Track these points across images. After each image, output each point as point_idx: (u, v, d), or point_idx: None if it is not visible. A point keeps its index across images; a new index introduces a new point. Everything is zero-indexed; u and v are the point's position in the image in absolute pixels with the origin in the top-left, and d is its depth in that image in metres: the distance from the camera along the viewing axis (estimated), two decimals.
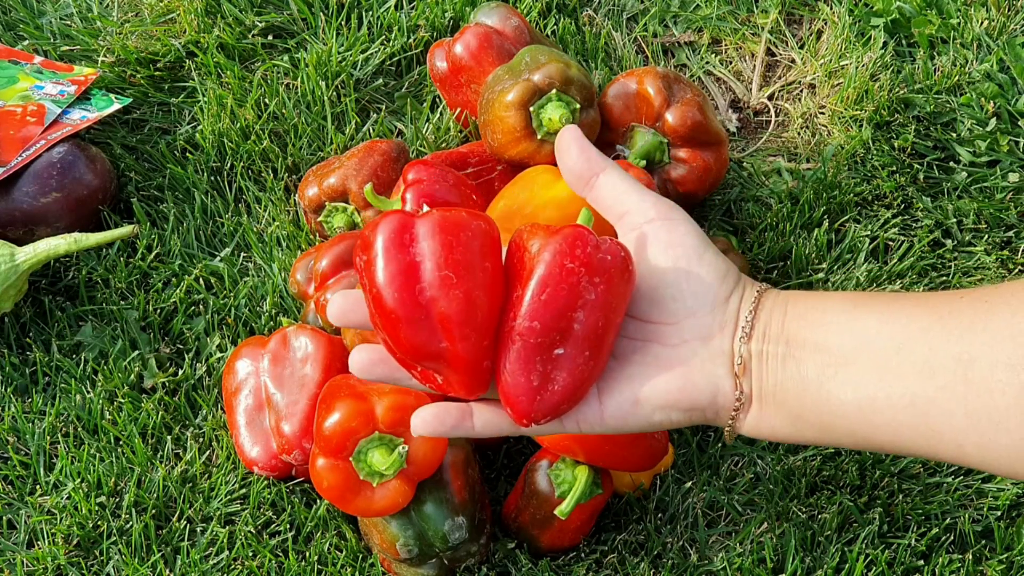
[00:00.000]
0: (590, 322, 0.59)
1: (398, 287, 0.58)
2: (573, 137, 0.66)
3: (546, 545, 0.97)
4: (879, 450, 0.60)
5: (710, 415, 0.62)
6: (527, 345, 0.59)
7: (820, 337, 0.59)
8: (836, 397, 0.58)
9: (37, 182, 1.10)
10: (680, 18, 1.33)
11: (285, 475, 0.99)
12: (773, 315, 0.61)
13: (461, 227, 0.59)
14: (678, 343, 0.61)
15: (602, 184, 0.65)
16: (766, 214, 1.17)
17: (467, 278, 0.58)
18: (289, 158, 1.19)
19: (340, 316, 0.63)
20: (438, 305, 0.58)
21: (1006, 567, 0.98)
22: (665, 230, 0.63)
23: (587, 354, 0.59)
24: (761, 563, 0.98)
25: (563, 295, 0.58)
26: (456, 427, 0.62)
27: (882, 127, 1.23)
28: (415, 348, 0.59)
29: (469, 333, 0.58)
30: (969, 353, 0.55)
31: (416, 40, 1.27)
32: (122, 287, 1.12)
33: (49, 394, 1.06)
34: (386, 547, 0.92)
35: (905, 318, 0.58)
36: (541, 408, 0.59)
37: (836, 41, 1.28)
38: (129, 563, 0.96)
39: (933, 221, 1.17)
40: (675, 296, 0.61)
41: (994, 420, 0.54)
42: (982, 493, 1.02)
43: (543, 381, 0.59)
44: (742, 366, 0.61)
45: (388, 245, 0.59)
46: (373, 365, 0.63)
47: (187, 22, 1.27)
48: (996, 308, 0.55)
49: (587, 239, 0.59)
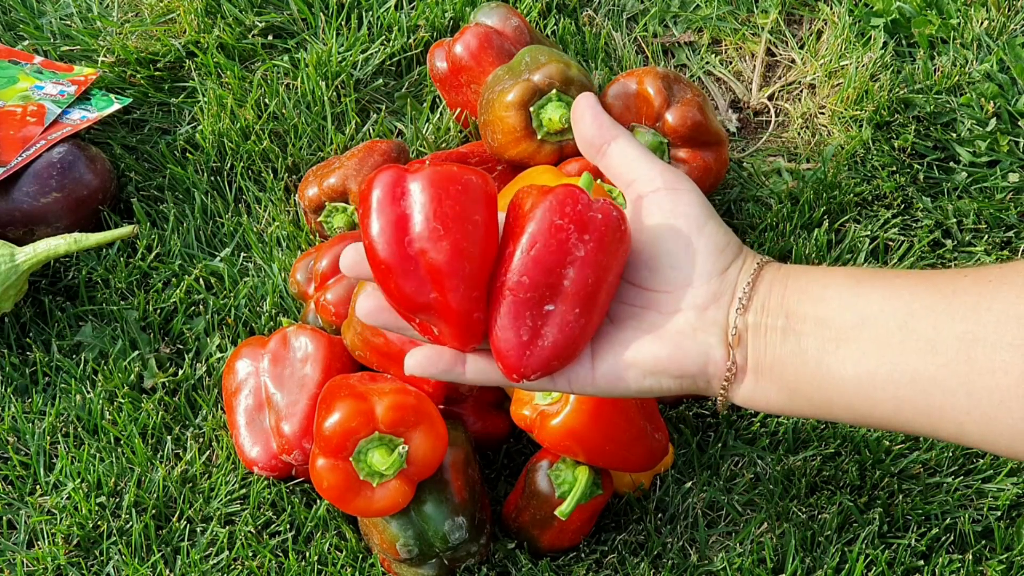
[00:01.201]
0: (580, 279, 0.59)
1: (388, 238, 0.60)
2: (588, 104, 0.66)
3: (546, 545, 0.97)
4: (877, 426, 0.61)
5: (701, 384, 0.62)
6: (517, 300, 0.59)
7: (821, 312, 0.60)
8: (836, 372, 0.59)
9: (37, 182, 1.10)
10: (680, 18, 1.33)
11: (285, 475, 0.99)
12: (773, 288, 0.62)
13: (452, 180, 0.60)
14: (673, 311, 0.62)
15: (613, 152, 0.66)
16: (766, 214, 1.17)
17: (456, 230, 0.59)
18: (289, 158, 1.19)
19: (352, 267, 0.63)
20: (427, 256, 0.59)
21: (1006, 567, 0.98)
22: (669, 199, 0.63)
23: (577, 311, 0.60)
24: (761, 563, 0.98)
25: (552, 251, 0.59)
26: (447, 371, 0.63)
27: (882, 127, 1.23)
28: (407, 299, 0.60)
29: (458, 284, 0.59)
30: (973, 333, 0.55)
31: (416, 40, 1.27)
32: (122, 287, 1.12)
33: (49, 394, 1.06)
34: (386, 547, 0.92)
35: (908, 295, 0.58)
36: (530, 363, 0.60)
37: (836, 41, 1.28)
38: (129, 563, 0.96)
39: (933, 221, 1.17)
40: (673, 264, 0.62)
41: (996, 400, 0.55)
42: (982, 493, 1.02)
43: (533, 336, 0.60)
44: (736, 337, 0.61)
45: (381, 197, 0.60)
46: (380, 312, 0.64)
47: (187, 22, 1.27)
48: (1001, 289, 0.56)
49: (578, 197, 0.60)
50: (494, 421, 1.01)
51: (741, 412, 1.05)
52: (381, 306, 0.64)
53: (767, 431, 1.04)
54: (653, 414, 0.94)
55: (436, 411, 0.91)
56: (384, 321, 0.64)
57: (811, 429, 1.04)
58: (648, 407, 0.94)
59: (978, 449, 0.65)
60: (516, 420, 0.92)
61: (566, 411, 0.88)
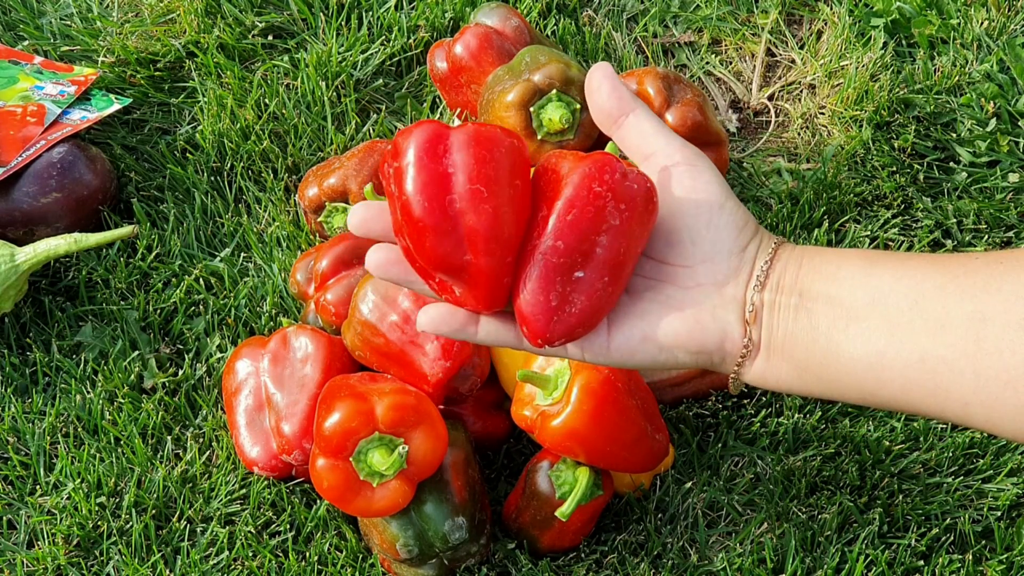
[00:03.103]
0: (612, 248, 0.59)
1: (429, 196, 0.58)
2: (605, 75, 0.65)
3: (546, 546, 0.97)
4: (884, 406, 0.61)
5: (716, 360, 0.62)
6: (549, 264, 0.59)
7: (833, 291, 0.60)
8: (846, 350, 0.59)
9: (37, 182, 1.10)
10: (680, 18, 1.33)
11: (285, 475, 0.99)
12: (788, 267, 0.62)
13: (495, 142, 0.59)
14: (692, 286, 0.62)
15: (631, 124, 0.65)
16: (766, 214, 1.17)
17: (497, 193, 0.58)
18: (289, 158, 1.19)
19: (361, 225, 0.62)
20: (467, 218, 0.58)
21: (1006, 567, 0.98)
22: (689, 175, 0.63)
23: (606, 279, 0.59)
24: (761, 563, 0.98)
25: (589, 217, 0.58)
26: (460, 330, 0.62)
27: (882, 127, 1.23)
28: (439, 258, 0.59)
29: (495, 248, 0.59)
30: (982, 312, 0.55)
31: (416, 40, 1.27)
32: (122, 287, 1.12)
33: (49, 394, 1.06)
34: (386, 547, 0.92)
35: (919, 276, 0.58)
36: (557, 329, 0.60)
37: (836, 41, 1.28)
38: (129, 563, 0.96)
39: (933, 221, 1.17)
40: (694, 240, 0.62)
41: (1002, 380, 0.55)
42: (982, 493, 1.02)
43: (561, 302, 0.59)
44: (753, 314, 0.61)
45: (421, 154, 0.58)
46: (390, 264, 0.62)
47: (187, 22, 1.27)
48: (1011, 269, 0.56)
49: (615, 166, 0.60)
50: (494, 421, 1.02)
51: (741, 412, 1.05)
52: (392, 259, 0.62)
53: (767, 431, 1.04)
54: (654, 415, 0.94)
55: (436, 411, 0.91)
56: (396, 274, 0.63)
57: (811, 429, 1.04)
58: (649, 407, 0.94)
59: (982, 430, 0.65)
60: (517, 420, 0.92)
61: (567, 412, 0.88)
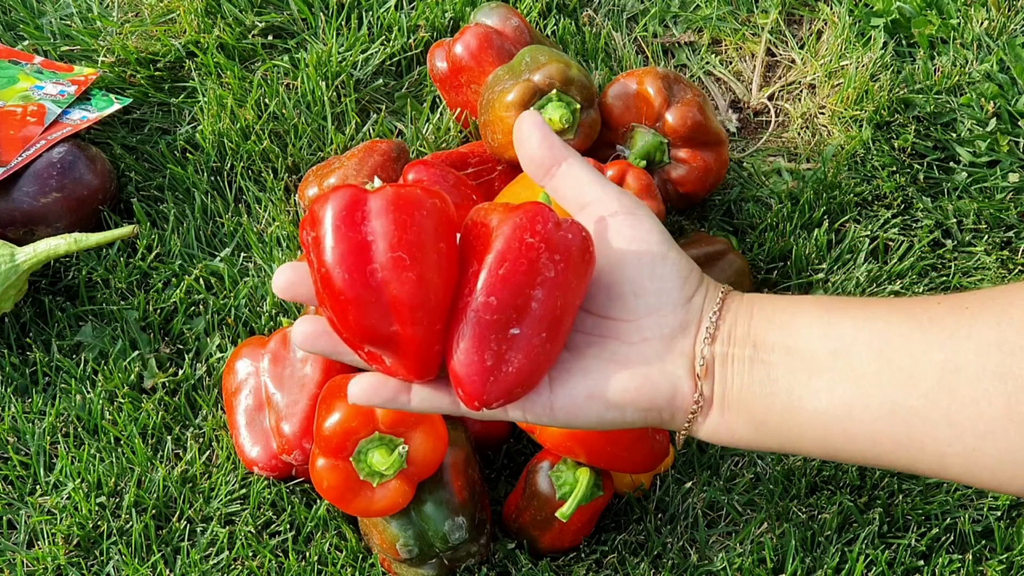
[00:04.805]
0: (548, 301, 0.56)
1: (348, 267, 0.55)
2: (535, 124, 0.63)
3: (546, 546, 0.97)
4: (850, 461, 0.58)
5: (666, 416, 0.60)
6: (482, 322, 0.56)
7: (791, 341, 0.57)
8: (808, 404, 0.56)
9: (37, 182, 1.10)
10: (680, 18, 1.33)
11: (285, 475, 0.99)
12: (739, 317, 0.59)
13: (415, 205, 0.56)
14: (638, 341, 0.59)
15: (564, 173, 0.62)
16: (766, 214, 1.17)
17: (421, 259, 0.55)
18: (289, 158, 1.19)
19: (287, 288, 0.59)
20: (390, 288, 0.55)
21: (1006, 567, 0.98)
22: (628, 225, 0.60)
23: (544, 335, 0.56)
24: (761, 563, 0.98)
25: (522, 270, 0.56)
26: (391, 400, 0.60)
27: (882, 127, 1.23)
28: (364, 330, 0.56)
29: (421, 317, 0.56)
30: (954, 362, 0.53)
31: (416, 40, 1.27)
32: (122, 287, 1.12)
33: (49, 394, 1.06)
34: (386, 547, 0.92)
35: (883, 324, 0.56)
36: (494, 390, 0.56)
37: (836, 41, 1.28)
38: (129, 563, 0.96)
39: (933, 221, 1.17)
40: (637, 292, 0.59)
41: (980, 430, 0.53)
42: (982, 493, 1.02)
43: (497, 362, 0.56)
44: (704, 368, 0.58)
45: (339, 222, 0.55)
46: (317, 337, 0.60)
47: (187, 22, 1.27)
48: (979, 315, 0.54)
49: (548, 215, 0.57)
50: (494, 421, 1.02)
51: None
52: (318, 331, 0.60)
53: None
54: None
55: None
56: (323, 346, 0.60)
57: None
58: None
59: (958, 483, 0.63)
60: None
61: None
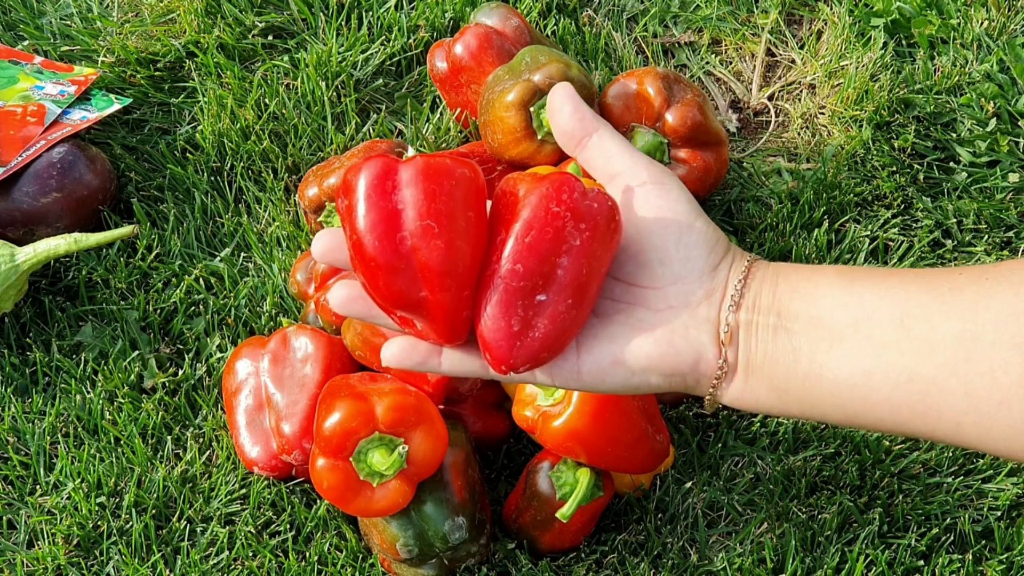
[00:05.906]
0: (574, 269, 0.58)
1: (379, 235, 0.57)
2: (567, 95, 0.64)
3: (546, 546, 0.97)
4: (869, 428, 0.60)
5: (691, 382, 0.61)
6: (509, 289, 0.58)
7: (814, 311, 0.59)
8: (829, 371, 0.58)
9: (37, 182, 1.10)
10: (680, 18, 1.33)
11: (285, 475, 0.99)
12: (764, 286, 0.60)
13: (445, 174, 0.58)
14: (663, 308, 0.61)
15: (594, 144, 0.64)
16: (766, 214, 1.17)
17: (449, 227, 0.57)
18: (289, 158, 1.19)
19: (325, 253, 0.61)
20: (419, 255, 0.57)
21: (1006, 567, 0.98)
22: (656, 194, 0.62)
23: (570, 302, 0.58)
24: (761, 563, 0.98)
25: (548, 238, 0.57)
26: (423, 363, 0.62)
27: (882, 127, 1.23)
28: (395, 296, 0.58)
29: (450, 283, 0.58)
30: (972, 331, 0.54)
31: (416, 40, 1.27)
32: (122, 287, 1.12)
33: (49, 394, 1.06)
34: (386, 547, 0.92)
35: (903, 294, 0.57)
36: (521, 355, 0.58)
37: (836, 41, 1.28)
38: (129, 563, 0.96)
39: (933, 221, 1.17)
40: (663, 260, 0.61)
41: (995, 399, 0.54)
42: (982, 493, 1.02)
43: (524, 327, 0.58)
44: (729, 335, 0.60)
45: (370, 191, 0.58)
46: (352, 301, 0.62)
47: (187, 22, 1.27)
48: (999, 286, 0.55)
49: (574, 185, 0.59)
50: (494, 421, 1.02)
51: (741, 412, 1.05)
52: (354, 296, 0.62)
53: (767, 431, 1.04)
54: (655, 415, 0.94)
55: (436, 411, 0.91)
56: (359, 310, 0.62)
57: (811, 429, 1.04)
58: (650, 408, 0.94)
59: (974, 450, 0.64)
60: (518, 421, 0.92)
61: (568, 412, 0.88)
